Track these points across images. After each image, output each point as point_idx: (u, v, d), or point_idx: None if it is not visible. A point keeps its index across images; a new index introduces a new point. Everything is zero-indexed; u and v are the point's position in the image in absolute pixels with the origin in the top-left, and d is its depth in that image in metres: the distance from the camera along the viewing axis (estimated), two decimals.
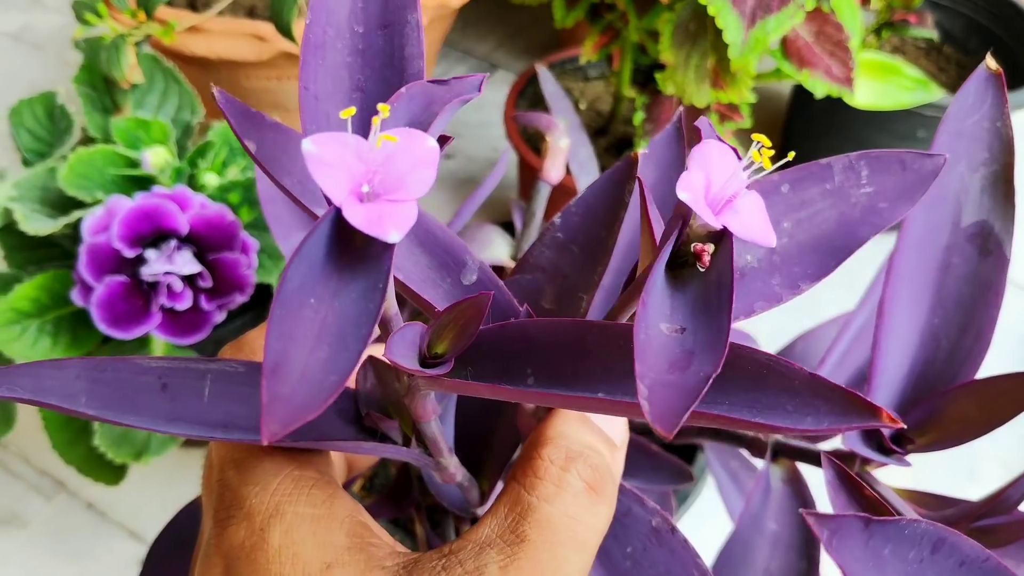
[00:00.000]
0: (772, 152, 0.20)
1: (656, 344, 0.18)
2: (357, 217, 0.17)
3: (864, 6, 0.75)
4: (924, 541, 0.20)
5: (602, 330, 0.21)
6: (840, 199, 0.23)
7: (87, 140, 0.60)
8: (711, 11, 0.54)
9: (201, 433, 0.23)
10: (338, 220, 0.17)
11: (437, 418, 0.25)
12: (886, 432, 0.34)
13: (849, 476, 0.30)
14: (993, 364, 0.30)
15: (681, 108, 0.33)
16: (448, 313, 0.21)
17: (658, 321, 0.19)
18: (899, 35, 0.81)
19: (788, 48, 0.62)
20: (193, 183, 0.57)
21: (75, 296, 0.51)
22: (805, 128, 0.90)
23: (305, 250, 0.17)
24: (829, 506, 0.32)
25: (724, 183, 0.19)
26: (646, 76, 0.74)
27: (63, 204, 0.55)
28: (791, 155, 0.22)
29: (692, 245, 0.20)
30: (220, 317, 0.54)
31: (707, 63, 0.60)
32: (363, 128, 0.19)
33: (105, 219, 0.51)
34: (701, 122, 0.20)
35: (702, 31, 0.59)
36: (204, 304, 0.53)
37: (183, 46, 0.66)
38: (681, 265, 0.20)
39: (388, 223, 0.17)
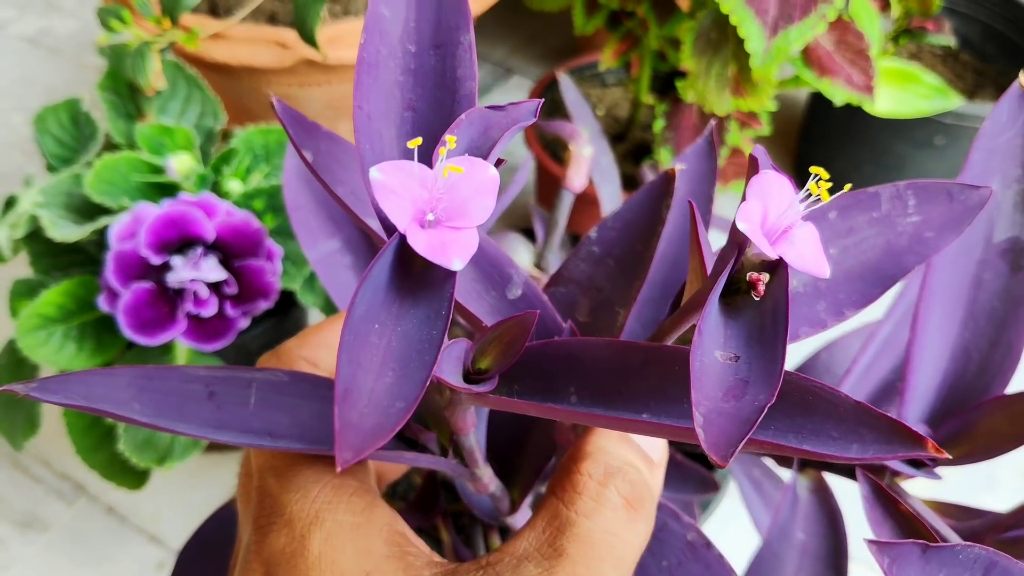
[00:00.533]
0: (830, 184, 0.20)
1: (711, 372, 0.18)
2: (421, 244, 0.17)
3: (883, 13, 0.75)
4: (976, 565, 0.20)
5: (648, 352, 0.21)
6: (887, 227, 0.23)
7: (111, 146, 0.60)
8: (733, 20, 0.54)
9: (248, 441, 0.23)
10: (402, 247, 0.17)
11: (475, 430, 0.26)
12: None
13: (884, 492, 0.30)
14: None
15: (713, 122, 0.34)
16: (494, 330, 0.21)
17: (712, 348, 0.19)
18: (916, 42, 0.81)
19: (809, 56, 0.62)
20: (217, 190, 0.58)
21: (101, 302, 0.52)
22: (822, 134, 0.90)
23: (371, 277, 0.17)
24: (858, 517, 0.32)
25: (781, 214, 0.20)
26: (665, 83, 0.74)
27: (88, 210, 0.56)
28: (847, 187, 0.23)
29: (747, 274, 0.20)
30: (244, 323, 0.54)
31: (728, 71, 0.60)
32: (419, 150, 0.19)
33: (132, 226, 0.51)
34: (758, 151, 0.20)
35: (723, 40, 0.59)
36: (229, 311, 0.53)
37: (205, 52, 0.67)
38: (734, 292, 0.21)
39: (451, 250, 0.17)
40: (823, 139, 0.90)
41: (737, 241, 0.20)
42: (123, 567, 0.66)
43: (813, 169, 0.20)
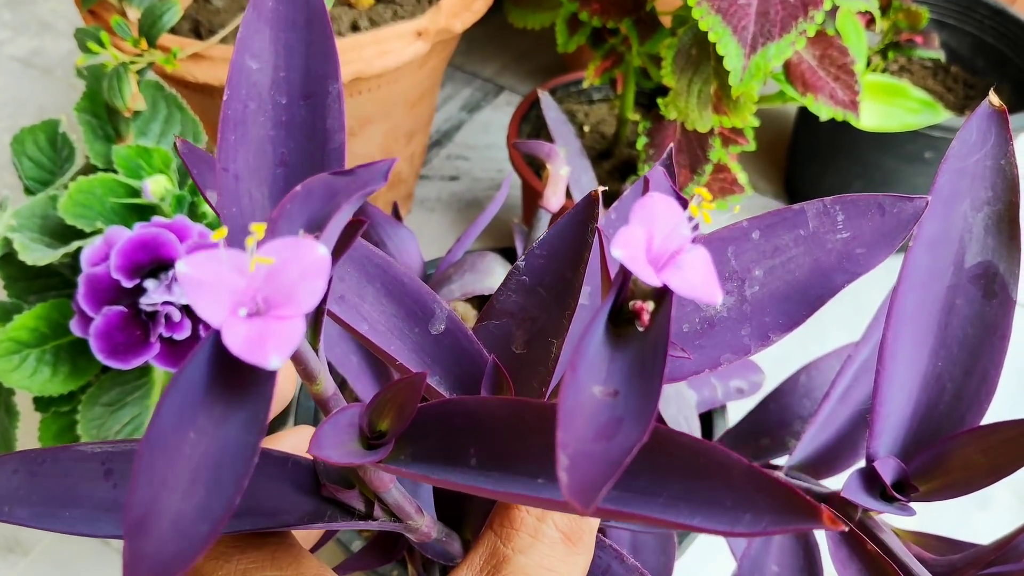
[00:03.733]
0: (713, 206, 0.19)
1: (586, 410, 0.17)
2: (236, 342, 0.16)
3: (869, 28, 0.74)
4: None
5: (543, 410, 0.20)
6: (815, 245, 0.22)
7: (89, 169, 0.60)
8: (712, 38, 0.53)
9: None
10: (219, 343, 0.16)
11: (396, 484, 0.25)
12: (888, 479, 0.33)
13: (852, 531, 0.29)
14: (1002, 408, 0.29)
15: (672, 144, 0.33)
16: (386, 392, 0.20)
17: (591, 384, 0.18)
18: (906, 56, 0.80)
19: (791, 72, 0.61)
20: (194, 211, 0.57)
21: (74, 326, 0.51)
22: (811, 150, 0.89)
23: (182, 381, 0.16)
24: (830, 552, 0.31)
25: (666, 238, 0.19)
26: (650, 99, 0.74)
27: (63, 233, 0.55)
28: (736, 209, 0.22)
29: (631, 303, 0.19)
30: None
31: (709, 88, 0.59)
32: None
33: (103, 249, 0.51)
34: (654, 172, 0.19)
35: (704, 57, 0.59)
36: (203, 333, 0.52)
37: (186, 73, 0.66)
38: (627, 322, 0.19)
39: (269, 346, 0.16)
40: (812, 154, 0.89)
41: (624, 268, 0.19)
42: None
43: (696, 190, 0.19)
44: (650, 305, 0.19)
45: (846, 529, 0.18)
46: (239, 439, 0.17)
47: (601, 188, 0.26)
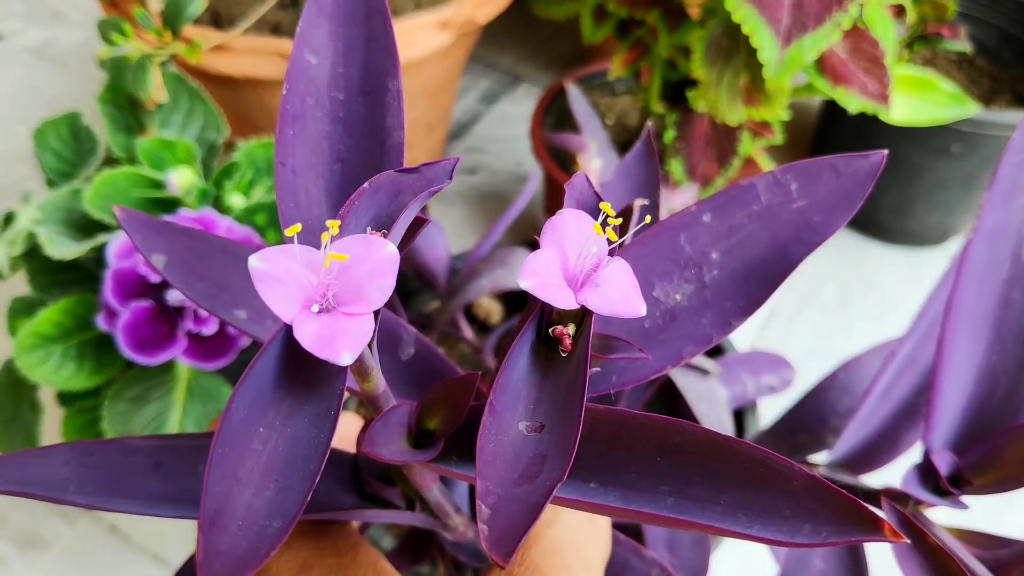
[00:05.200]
0: (619, 221, 0.18)
1: (509, 451, 0.16)
2: (308, 337, 0.15)
3: (897, 19, 0.74)
4: None
5: (595, 412, 0.19)
6: (770, 219, 0.21)
7: (111, 161, 0.59)
8: (745, 30, 0.52)
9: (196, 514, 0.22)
10: (289, 338, 0.16)
11: (440, 484, 0.24)
12: (943, 473, 0.32)
13: (912, 524, 0.28)
14: None
15: (649, 123, 0.32)
16: (436, 391, 0.20)
17: (516, 420, 0.17)
18: (931, 48, 0.79)
19: (823, 65, 0.60)
20: (219, 204, 0.57)
21: (100, 321, 0.51)
22: (836, 143, 0.88)
23: (253, 375, 0.16)
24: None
25: (581, 256, 0.18)
26: (675, 91, 0.73)
27: (88, 227, 0.55)
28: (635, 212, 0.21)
29: (552, 328, 0.18)
30: (246, 341, 0.53)
31: (740, 81, 0.59)
32: (338, 211, 0.18)
33: (130, 244, 0.50)
34: (576, 179, 0.19)
35: (735, 49, 0.58)
36: (230, 328, 0.52)
37: (208, 64, 0.66)
38: (555, 347, 0.19)
39: (341, 342, 0.15)
40: (837, 148, 0.88)
41: None
42: None
43: (602, 206, 0.18)
44: (571, 328, 0.18)
45: (907, 542, 0.17)
46: (309, 435, 0.16)
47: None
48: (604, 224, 0.18)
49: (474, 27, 0.69)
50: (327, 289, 0.16)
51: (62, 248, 0.51)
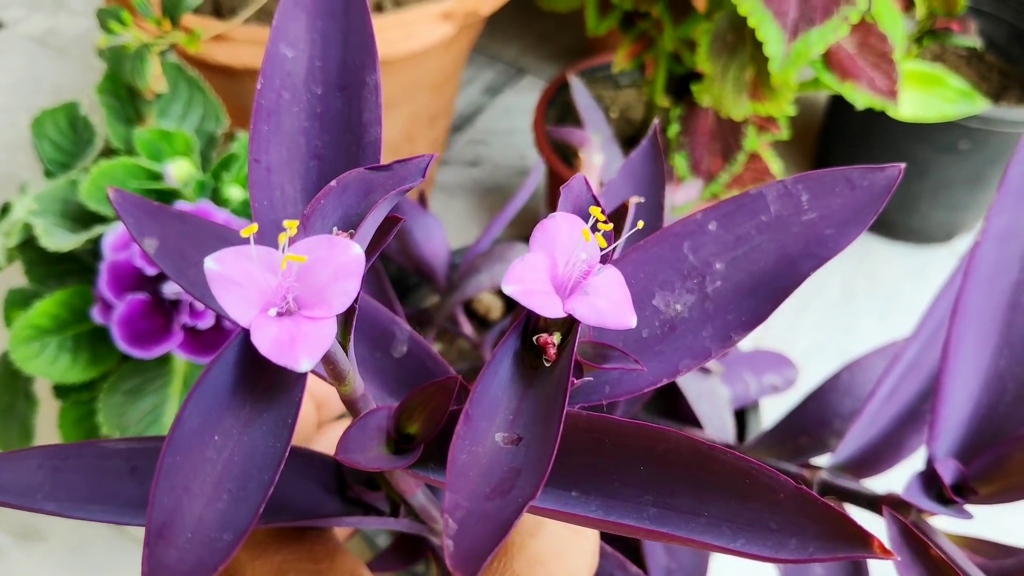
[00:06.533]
0: (611, 227, 0.17)
1: (483, 462, 0.16)
2: (265, 342, 0.15)
3: (906, 14, 0.73)
4: None
5: (575, 419, 0.19)
6: (779, 231, 0.20)
7: (109, 151, 0.59)
8: (751, 23, 0.51)
9: None
10: (248, 342, 0.15)
11: (423, 488, 0.24)
12: (948, 481, 0.32)
13: (913, 534, 0.28)
14: None
15: (656, 121, 0.31)
16: (417, 395, 0.19)
17: (492, 431, 0.16)
18: (940, 43, 0.78)
19: (830, 59, 0.59)
20: (217, 196, 0.56)
21: (95, 314, 0.50)
22: (842, 138, 0.87)
23: (208, 382, 0.15)
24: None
25: (570, 263, 0.17)
26: (680, 85, 0.72)
27: (84, 218, 0.54)
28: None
29: (537, 336, 0.17)
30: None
31: (746, 75, 0.58)
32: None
33: (126, 236, 0.50)
34: (570, 184, 0.18)
35: (741, 42, 0.57)
36: (226, 322, 0.51)
37: (207, 54, 0.65)
38: (539, 355, 0.18)
39: (300, 348, 0.15)
40: (843, 143, 0.87)
41: None
42: None
43: (592, 211, 0.17)
44: (556, 337, 0.18)
45: (898, 559, 0.17)
46: (266, 444, 0.16)
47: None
48: (594, 229, 0.17)
49: (477, 18, 0.68)
50: (287, 292, 0.16)
51: (58, 240, 0.51)
